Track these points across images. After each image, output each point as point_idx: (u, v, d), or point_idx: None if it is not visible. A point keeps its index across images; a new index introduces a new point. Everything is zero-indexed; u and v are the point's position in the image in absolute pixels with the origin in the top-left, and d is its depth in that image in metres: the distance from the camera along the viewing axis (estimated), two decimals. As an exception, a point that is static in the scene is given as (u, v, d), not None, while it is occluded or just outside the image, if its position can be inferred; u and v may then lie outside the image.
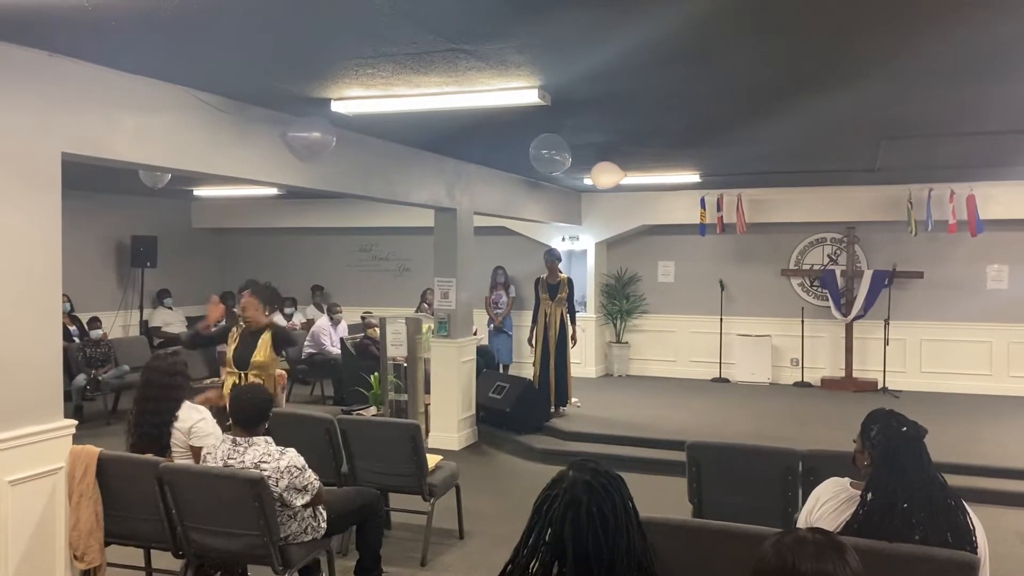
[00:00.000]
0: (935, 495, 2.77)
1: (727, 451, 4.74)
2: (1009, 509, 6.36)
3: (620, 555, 1.81)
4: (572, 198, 11.81)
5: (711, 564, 3.11)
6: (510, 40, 4.02)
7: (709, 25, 3.91)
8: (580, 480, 1.89)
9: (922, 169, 9.08)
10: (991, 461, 7.18)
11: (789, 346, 11.65)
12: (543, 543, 1.85)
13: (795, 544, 1.67)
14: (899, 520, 2.71)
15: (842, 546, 1.68)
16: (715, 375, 11.89)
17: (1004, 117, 6.08)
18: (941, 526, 2.76)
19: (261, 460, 3.99)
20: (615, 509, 1.85)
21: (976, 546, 2.76)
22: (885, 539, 2.73)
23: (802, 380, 11.44)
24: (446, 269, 8.51)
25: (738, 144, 7.59)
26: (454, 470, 5.72)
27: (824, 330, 11.42)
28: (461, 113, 5.60)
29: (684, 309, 12.23)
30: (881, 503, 2.75)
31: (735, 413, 9.44)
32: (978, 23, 3.79)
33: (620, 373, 12.31)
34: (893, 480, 2.75)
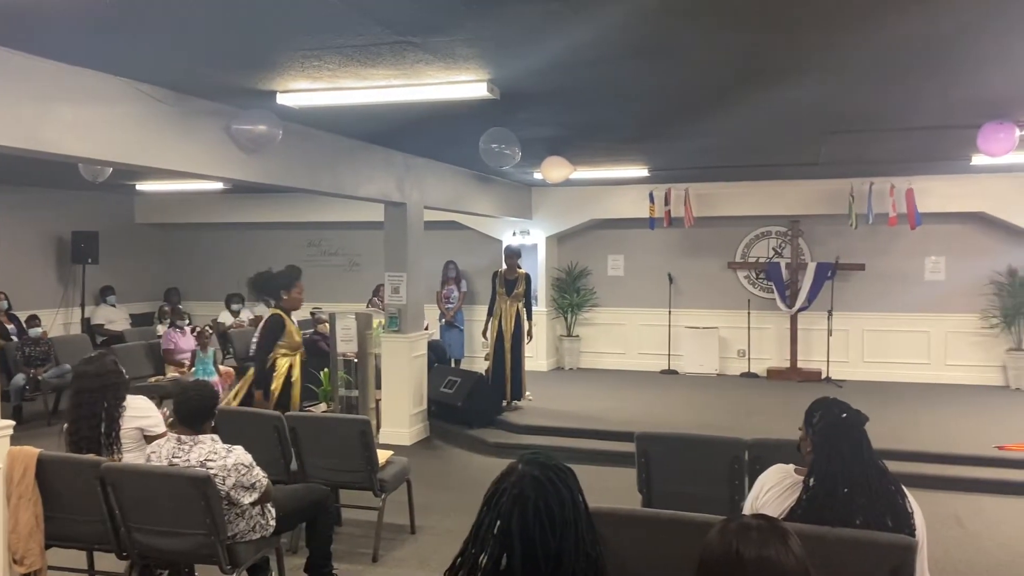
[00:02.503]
0: (875, 480, 2.84)
1: (675, 441, 4.81)
2: (947, 493, 6.56)
3: (568, 548, 1.82)
4: (523, 192, 11.84)
5: (660, 552, 3.15)
6: (459, 33, 4.01)
7: (656, 21, 3.95)
8: (528, 474, 1.89)
9: (863, 164, 9.30)
10: (930, 447, 7.40)
11: (736, 338, 11.85)
12: (492, 537, 1.85)
13: (739, 531, 1.70)
14: (841, 505, 2.78)
15: (785, 532, 1.71)
16: (664, 367, 12.04)
17: (941, 112, 6.25)
18: (881, 510, 2.83)
19: (207, 458, 3.92)
20: (563, 503, 1.86)
21: (915, 529, 2.84)
22: (828, 524, 2.79)
23: (749, 371, 11.65)
24: (396, 264, 8.46)
25: (685, 139, 7.68)
26: (405, 465, 5.70)
27: (770, 322, 11.64)
28: (410, 106, 5.57)
29: (634, 302, 12.36)
30: (823, 488, 2.82)
31: (684, 404, 9.58)
32: (915, 19, 3.89)
33: (571, 366, 12.39)
34: (834, 466, 2.82)
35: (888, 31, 4.11)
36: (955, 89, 5.47)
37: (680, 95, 5.75)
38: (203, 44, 4.30)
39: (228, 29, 3.99)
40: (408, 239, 8.44)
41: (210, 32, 4.05)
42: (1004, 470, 6.94)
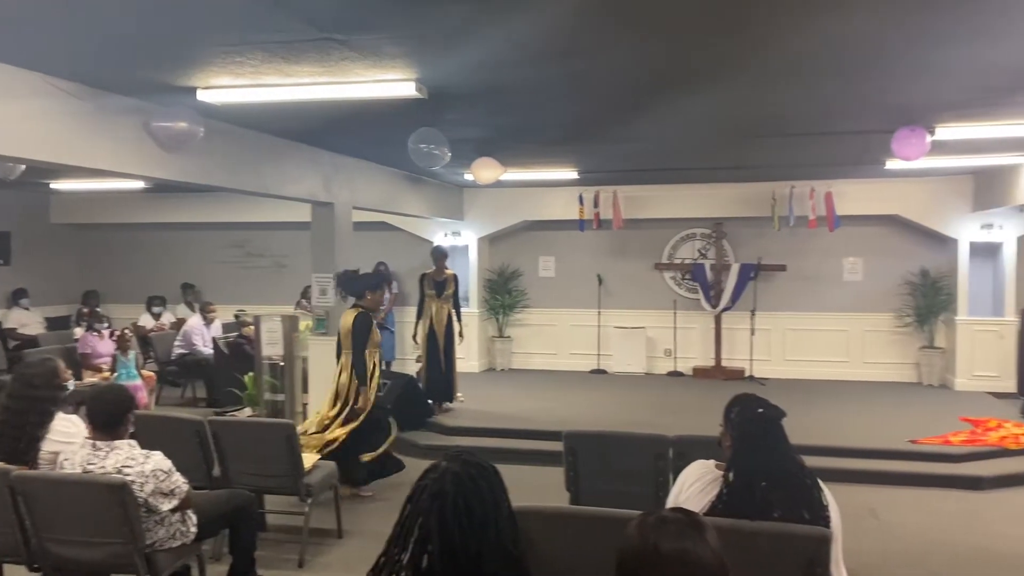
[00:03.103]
0: (792, 474, 2.92)
1: (602, 439, 4.86)
2: (864, 486, 6.78)
3: (488, 545, 1.83)
4: (454, 193, 11.81)
5: (586, 549, 3.17)
6: (384, 31, 3.98)
7: (578, 26, 4.00)
8: (449, 471, 1.90)
9: (784, 167, 9.57)
10: (847, 442, 7.64)
11: (663, 337, 12.04)
12: (413, 534, 1.85)
13: (657, 524, 1.73)
14: (759, 498, 2.85)
15: (702, 525, 1.74)
16: (594, 367, 12.16)
17: (858, 118, 6.47)
18: (798, 504, 2.91)
19: (124, 465, 3.80)
20: (482, 499, 1.86)
21: (829, 521, 2.93)
22: (747, 517, 2.85)
23: (675, 370, 11.86)
24: (324, 265, 8.33)
25: (612, 142, 7.78)
26: (332, 469, 5.62)
27: (695, 321, 11.87)
28: (336, 105, 5.50)
29: (564, 303, 12.45)
30: (741, 483, 2.88)
31: (612, 403, 9.69)
32: (832, 26, 4.02)
33: (503, 367, 12.41)
34: (751, 460, 2.89)
35: (806, 38, 4.24)
36: (871, 95, 5.67)
37: (604, 99, 5.82)
38: (117, 38, 4.16)
39: (143, 22, 3.88)
40: (336, 240, 8.33)
41: (124, 25, 3.93)
42: (917, 463, 7.22)
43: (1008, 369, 10.41)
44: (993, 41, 4.22)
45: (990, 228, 10.39)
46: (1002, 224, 10.32)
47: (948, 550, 5.49)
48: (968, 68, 4.81)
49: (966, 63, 4.69)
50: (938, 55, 4.53)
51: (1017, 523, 6.02)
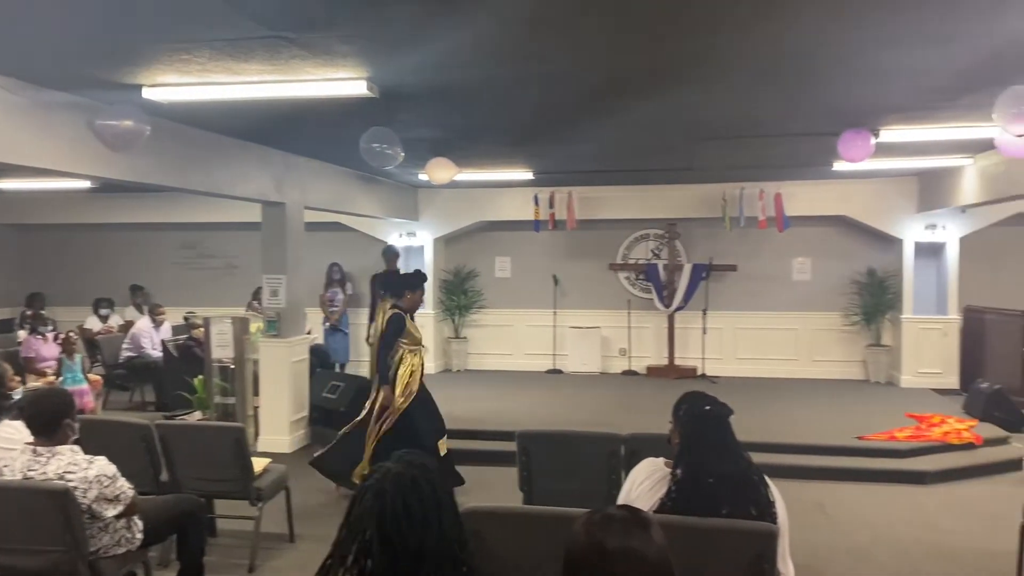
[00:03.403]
0: (739, 471, 2.96)
1: (554, 439, 4.88)
2: (812, 482, 6.91)
3: (429, 545, 1.84)
4: (408, 193, 11.75)
5: (538, 548, 3.18)
6: (335, 30, 3.94)
7: (531, 27, 4.00)
8: (392, 472, 1.90)
9: (735, 169, 9.70)
10: (797, 439, 7.77)
11: (617, 337, 12.14)
12: (356, 536, 1.85)
13: (603, 522, 1.73)
14: (706, 495, 2.88)
15: (648, 522, 1.76)
16: (549, 367, 12.21)
17: (805, 120, 6.59)
18: (745, 500, 2.95)
19: (66, 471, 3.70)
20: (422, 501, 1.87)
21: (776, 517, 2.98)
22: (695, 514, 2.89)
23: (629, 369, 11.96)
24: (275, 266, 8.23)
25: (567, 143, 7.81)
26: (283, 472, 5.55)
27: (649, 321, 11.98)
28: (287, 103, 5.44)
29: (520, 303, 12.47)
30: (689, 479, 2.91)
31: (568, 402, 9.73)
32: (780, 31, 4.09)
33: (459, 368, 12.38)
34: (698, 457, 2.92)
35: (755, 42, 4.31)
36: (817, 98, 5.78)
37: (558, 101, 5.85)
38: (61, 33, 4.06)
39: (86, 17, 3.78)
40: (287, 240, 8.23)
41: (68, 21, 3.83)
42: (864, 459, 7.36)
43: (951, 366, 10.72)
44: (934, 46, 4.33)
45: (934, 228, 10.66)
46: (945, 224, 10.60)
47: (894, 543, 5.62)
48: (910, 72, 4.93)
49: (909, 67, 4.80)
50: (882, 59, 4.63)
51: (959, 516, 6.19)
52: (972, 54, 4.48)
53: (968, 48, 4.36)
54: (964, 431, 7.86)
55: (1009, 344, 9.14)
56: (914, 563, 5.26)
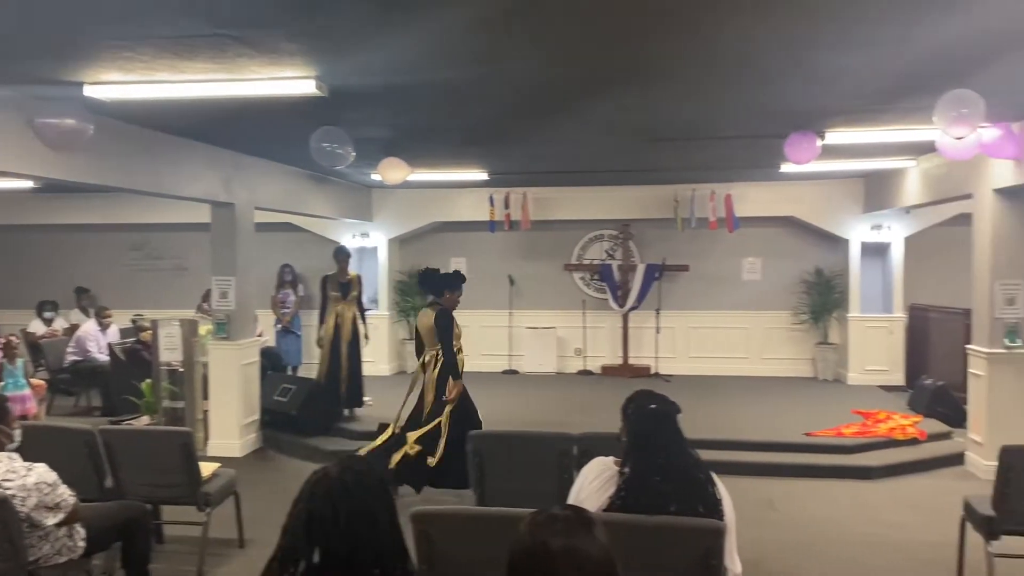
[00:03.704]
0: (686, 469, 2.98)
1: (507, 439, 4.88)
2: (762, 479, 7.01)
3: (363, 550, 1.84)
4: (362, 194, 11.66)
5: (487, 549, 3.17)
6: (280, 28, 3.89)
7: (484, 29, 4.00)
8: (327, 476, 1.91)
9: (686, 170, 9.82)
10: (747, 436, 7.89)
11: (573, 337, 12.19)
12: (293, 538, 1.86)
13: (547, 522, 1.74)
14: (654, 493, 2.90)
15: (590, 521, 1.76)
16: (505, 367, 12.21)
17: (753, 122, 6.68)
18: (693, 498, 2.98)
19: (4, 478, 3.61)
20: (353, 505, 1.88)
21: (723, 515, 3.01)
22: (644, 512, 2.91)
23: (584, 368, 12.02)
24: (224, 267, 8.10)
25: (521, 144, 7.83)
26: (232, 477, 5.47)
27: (603, 321, 12.06)
28: (234, 102, 5.35)
29: (476, 304, 12.33)
30: (636, 478, 2.93)
31: (523, 403, 9.75)
32: (729, 34, 4.13)
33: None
34: (645, 455, 2.94)
35: (705, 46, 4.35)
36: (765, 101, 5.87)
37: (511, 102, 5.86)
38: (-4, 28, 3.95)
39: (22, 11, 3.68)
40: (237, 241, 8.11)
41: (4, 15, 3.72)
42: (812, 455, 7.50)
43: (897, 363, 10.98)
44: (876, 49, 4.42)
45: (879, 229, 10.91)
46: (890, 225, 10.85)
47: (841, 537, 5.73)
48: (854, 75, 5.02)
49: (852, 70, 4.90)
50: (826, 62, 4.72)
51: (903, 510, 6.33)
52: (913, 58, 4.59)
53: (909, 52, 4.46)
54: (909, 427, 8.05)
55: (952, 341, 9.38)
56: (860, 556, 5.37)
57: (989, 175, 7.10)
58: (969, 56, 4.52)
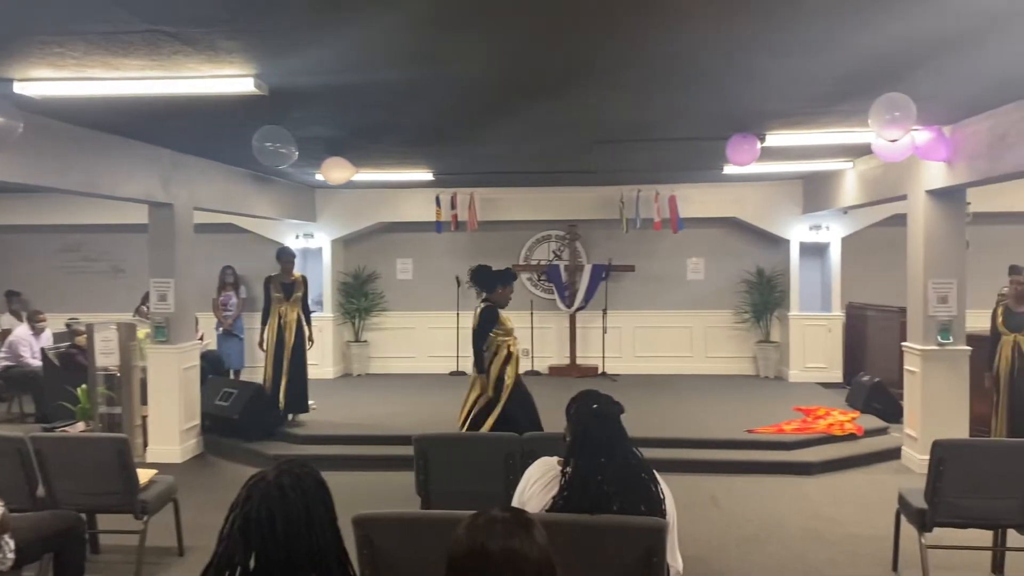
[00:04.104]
0: (629, 468, 3.00)
1: (452, 441, 4.87)
2: (705, 476, 7.12)
3: (298, 555, 1.82)
4: (305, 194, 11.50)
5: (430, 553, 3.15)
6: (218, 25, 3.81)
7: (428, 27, 3.97)
8: (263, 481, 1.89)
9: (631, 172, 9.91)
10: (691, 434, 7.99)
11: (520, 337, 12.10)
12: (228, 543, 1.83)
13: (485, 524, 1.73)
14: (596, 493, 2.91)
15: (530, 523, 1.76)
16: (453, 369, 12.17)
17: (696, 125, 6.77)
18: (635, 497, 3.00)
19: (-75, 490, 3.46)
20: (288, 510, 1.86)
21: (665, 513, 3.04)
22: (587, 511, 2.92)
23: (532, 369, 12.03)
24: (163, 269, 7.91)
25: (467, 145, 7.81)
26: (171, 484, 5.34)
27: (551, 321, 12.11)
28: (172, 100, 5.23)
29: (423, 305, 12.39)
30: (578, 478, 2.94)
31: (470, 405, 9.71)
32: (672, 37, 4.17)
33: (359, 372, 12.21)
34: (587, 455, 2.95)
35: (648, 48, 4.39)
36: (707, 104, 5.95)
37: (456, 102, 5.84)
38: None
39: (-55, 5, 3.54)
40: (176, 242, 7.92)
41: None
42: (754, 452, 7.63)
43: (836, 360, 11.25)
44: (813, 53, 4.51)
45: (818, 229, 11.15)
46: (828, 225, 11.11)
47: (782, 532, 5.83)
48: (792, 79, 5.12)
49: (790, 74, 4.99)
50: (764, 66, 4.80)
51: (841, 504, 6.48)
52: (849, 62, 4.69)
53: (845, 56, 4.56)
54: (847, 423, 8.24)
55: (888, 339, 9.63)
56: (799, 550, 5.48)
57: (922, 177, 7.31)
58: (903, 60, 4.65)
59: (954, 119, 6.60)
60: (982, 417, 7.17)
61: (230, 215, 10.24)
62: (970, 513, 4.57)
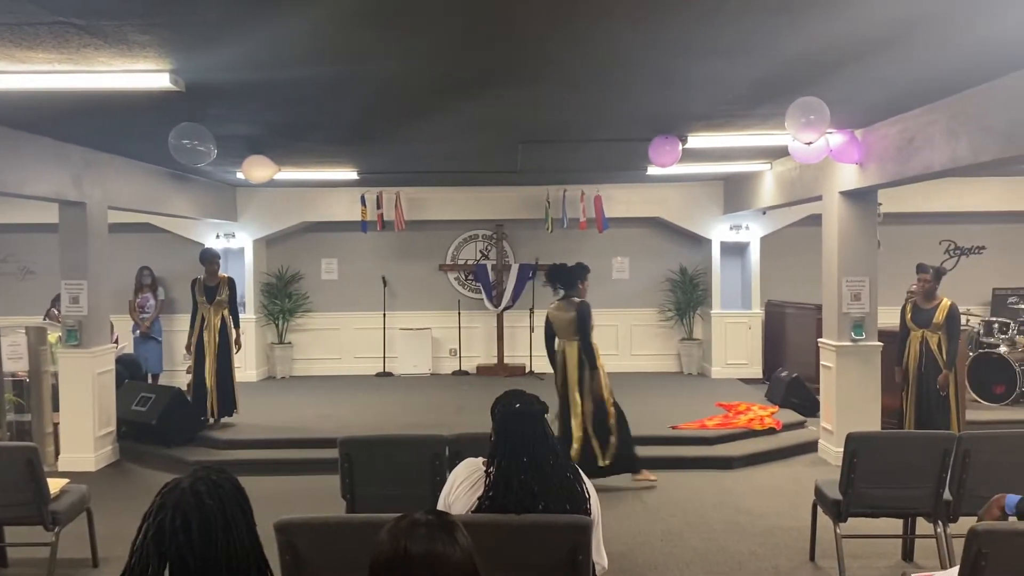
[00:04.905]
0: (552, 467, 3.01)
1: (377, 444, 4.80)
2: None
3: (215, 563, 1.78)
4: (226, 193, 11.22)
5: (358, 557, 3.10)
6: (130, 17, 3.67)
7: (349, 24, 3.92)
8: (178, 488, 1.84)
9: (556, 172, 9.99)
10: (617, 431, 8.08)
11: (448, 337, 12.18)
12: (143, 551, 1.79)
13: (408, 528, 1.71)
14: (521, 492, 2.92)
15: (453, 525, 1.75)
16: (379, 370, 12.06)
17: (619, 126, 6.86)
18: (559, 496, 3.01)
19: None
20: (204, 517, 1.81)
21: (590, 511, 3.06)
22: (513, 511, 2.92)
23: (460, 369, 12.04)
24: (75, 271, 7.60)
25: (390, 144, 7.74)
26: (84, 493, 5.15)
27: (478, 320, 12.12)
28: (83, 95, 5.04)
29: (348, 306, 12.25)
30: (502, 477, 2.94)
31: (397, 406, 9.66)
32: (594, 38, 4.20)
33: (283, 375, 11.98)
34: (509, 455, 2.96)
35: (571, 49, 4.42)
36: (630, 105, 6.03)
37: (380, 101, 5.78)
38: None
39: None
40: (89, 243, 7.63)
41: None
42: (678, 447, 7.77)
43: (756, 357, 11.56)
44: (733, 57, 4.61)
45: (738, 229, 11.43)
46: (748, 225, 11.40)
47: (704, 526, 5.96)
48: (711, 81, 5.23)
49: (709, 76, 5.10)
50: (683, 68, 4.89)
51: (761, 497, 6.65)
52: (766, 66, 4.82)
53: (762, 60, 4.68)
54: (766, 417, 8.47)
55: (805, 335, 9.94)
56: (722, 543, 5.60)
57: (836, 178, 7.56)
58: (818, 65, 4.79)
59: (866, 123, 6.85)
60: (893, 410, 7.46)
61: (148, 214, 9.92)
62: (882, 503, 4.74)
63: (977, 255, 11.90)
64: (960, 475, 4.61)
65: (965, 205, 10.82)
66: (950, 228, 11.76)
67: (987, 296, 11.47)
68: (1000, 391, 9.15)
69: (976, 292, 11.38)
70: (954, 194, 10.50)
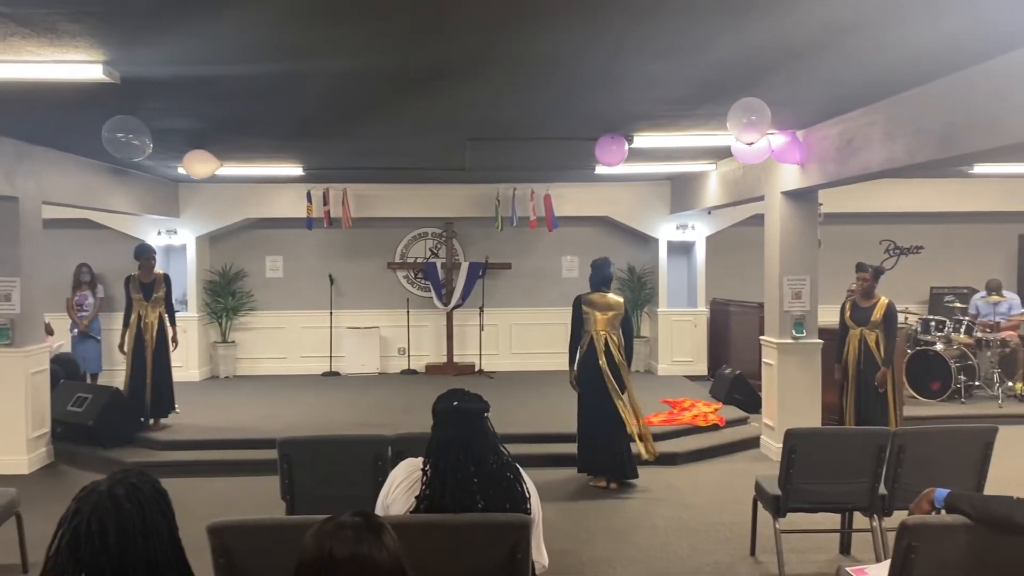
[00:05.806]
0: (492, 466, 2.99)
1: (318, 444, 4.74)
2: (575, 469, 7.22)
3: (132, 569, 1.73)
4: (168, 188, 10.97)
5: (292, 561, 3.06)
6: (58, 6, 3.56)
7: (292, 19, 3.86)
8: (95, 491, 1.79)
9: (506, 170, 9.97)
10: (564, 428, 8.03)
11: (396, 336, 12.09)
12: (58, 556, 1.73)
13: (333, 530, 1.69)
14: (459, 491, 2.89)
15: (380, 527, 1.73)
16: (326, 369, 11.93)
17: (567, 125, 6.87)
18: (499, 495, 2.99)
19: None
20: (124, 521, 1.76)
21: (531, 510, 3.05)
22: (451, 511, 2.89)
23: (408, 368, 11.96)
24: (7, 267, 7.35)
25: (338, 139, 7.65)
26: (12, 497, 4.97)
27: (428, 319, 12.05)
28: (12, 85, 4.87)
29: (294, 304, 12.09)
30: (437, 476, 2.92)
31: (344, 405, 9.56)
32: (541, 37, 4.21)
33: (227, 374, 11.77)
34: (445, 453, 2.93)
35: (517, 47, 4.41)
36: (577, 104, 6.04)
37: (325, 97, 5.71)
38: None
39: None
40: (21, 239, 7.38)
41: None
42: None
43: (701, 354, 11.71)
44: (676, 57, 4.64)
45: (685, 228, 11.57)
46: (694, 225, 11.54)
47: (648, 522, 6.00)
48: (655, 82, 5.27)
49: (652, 77, 5.13)
50: (628, 68, 4.92)
51: (704, 492, 6.74)
52: (708, 67, 4.87)
53: (704, 61, 4.72)
54: (710, 414, 8.58)
55: (748, 333, 10.09)
56: (664, 539, 5.65)
57: (778, 179, 7.69)
58: (759, 66, 4.86)
59: (807, 124, 6.97)
60: (833, 406, 7.61)
61: (86, 210, 9.66)
62: (820, 498, 4.83)
63: (916, 255, 12.22)
64: (895, 470, 4.71)
65: (903, 206, 11.10)
66: (890, 228, 12.06)
67: (925, 295, 11.80)
68: (936, 387, 9.42)
69: (914, 291, 11.70)
70: (893, 195, 10.76)
